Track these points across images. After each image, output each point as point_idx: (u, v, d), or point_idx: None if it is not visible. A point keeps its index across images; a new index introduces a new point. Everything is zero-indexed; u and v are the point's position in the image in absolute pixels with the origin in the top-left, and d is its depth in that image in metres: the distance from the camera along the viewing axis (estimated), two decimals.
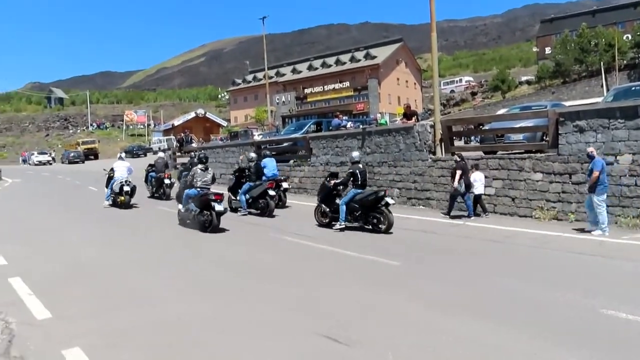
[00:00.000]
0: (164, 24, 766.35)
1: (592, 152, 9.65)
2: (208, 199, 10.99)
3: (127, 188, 15.28)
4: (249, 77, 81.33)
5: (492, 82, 60.44)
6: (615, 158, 10.36)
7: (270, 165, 14.82)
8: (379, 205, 10.66)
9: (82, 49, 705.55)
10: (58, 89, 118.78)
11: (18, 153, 64.44)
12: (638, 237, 9.12)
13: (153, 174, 18.37)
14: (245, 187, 14.08)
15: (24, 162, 57.65)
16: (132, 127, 79.72)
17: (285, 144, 21.55)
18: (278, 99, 65.48)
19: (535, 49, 71.45)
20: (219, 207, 10.90)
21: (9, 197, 21.62)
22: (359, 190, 10.99)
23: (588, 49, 49.63)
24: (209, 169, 12.04)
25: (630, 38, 50.51)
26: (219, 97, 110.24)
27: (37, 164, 52.14)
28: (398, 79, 64.53)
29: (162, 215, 14.04)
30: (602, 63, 45.59)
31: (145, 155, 46.92)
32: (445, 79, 75.39)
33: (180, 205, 12.28)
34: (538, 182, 11.61)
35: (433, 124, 14.36)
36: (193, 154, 14.76)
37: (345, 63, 65.79)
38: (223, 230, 11.08)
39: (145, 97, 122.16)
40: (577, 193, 10.89)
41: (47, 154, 56.22)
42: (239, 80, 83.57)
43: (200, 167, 11.83)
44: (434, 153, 14.11)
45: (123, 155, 18.13)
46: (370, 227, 10.79)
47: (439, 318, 5.34)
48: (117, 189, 15.36)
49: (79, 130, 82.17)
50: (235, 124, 72.21)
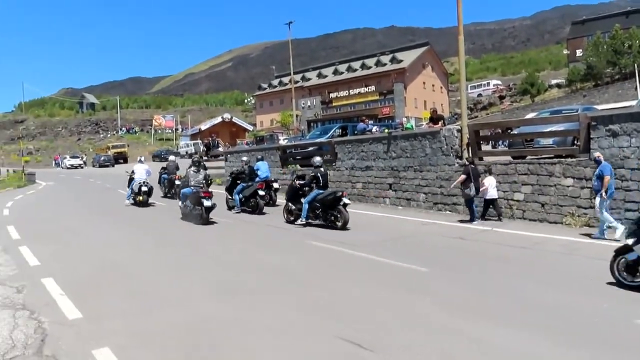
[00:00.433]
0: (192, 31, 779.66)
1: (598, 157, 9.79)
2: (198, 196, 12.79)
3: (144, 188, 16.80)
4: (275, 81, 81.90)
5: (520, 85, 59.40)
6: None
7: (263, 168, 16.18)
8: (337, 205, 11.67)
9: (113, 56, 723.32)
10: (90, 95, 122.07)
11: (51, 157, 66.39)
12: None
13: (165, 176, 19.98)
14: (239, 187, 15.36)
15: (57, 165, 59.39)
16: (160, 131, 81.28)
17: (311, 148, 21.58)
18: (303, 104, 65.68)
19: (566, 52, 69.87)
20: (207, 202, 12.60)
21: (43, 199, 22.28)
22: (321, 191, 12.13)
23: (621, 51, 48.36)
24: (201, 171, 14.02)
25: None
26: (245, 101, 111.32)
27: (69, 168, 53.63)
28: (424, 83, 64.02)
29: (177, 214, 14.46)
30: (635, 65, 44.28)
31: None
32: (473, 83, 74.50)
33: (180, 202, 13.98)
34: (569, 187, 11.34)
35: (460, 128, 14.20)
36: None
37: (371, 67, 65.65)
38: (212, 223, 12.82)
39: (173, 102, 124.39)
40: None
41: (78, 158, 57.77)
42: (265, 85, 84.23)
43: (193, 169, 14.02)
44: (461, 158, 13.93)
45: (142, 159, 19.55)
46: (329, 223, 11.80)
47: (465, 325, 5.25)
48: (136, 189, 16.86)
49: (109, 135, 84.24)
50: (261, 129, 72.77)
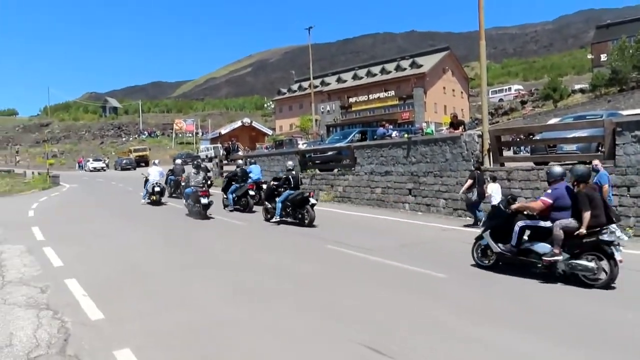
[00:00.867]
0: (212, 36, 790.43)
1: (596, 165, 9.82)
2: (197, 195, 14.77)
3: (157, 189, 18.60)
4: (294, 86, 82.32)
5: (543, 90, 58.53)
6: None
7: (256, 171, 18.12)
8: (306, 204, 13.07)
9: (135, 61, 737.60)
10: (113, 99, 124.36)
11: (75, 160, 67.68)
12: None
13: (172, 177, 21.54)
14: (232, 187, 16.97)
15: (80, 168, 60.50)
16: (181, 135, 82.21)
17: (330, 153, 21.60)
18: (323, 108, 65.89)
19: (590, 56, 68.61)
20: (204, 200, 14.67)
21: (66, 201, 22.71)
22: (292, 192, 13.55)
23: None
24: (201, 172, 15.89)
25: None
26: (265, 106, 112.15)
27: (91, 170, 54.58)
28: (444, 88, 63.66)
29: (184, 212, 15.93)
30: None
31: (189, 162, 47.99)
32: (494, 88, 73.64)
33: (184, 201, 16.05)
34: None
35: (481, 134, 14.05)
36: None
37: (391, 72, 65.56)
38: (210, 218, 14.78)
39: (194, 106, 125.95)
40: (635, 207, 10.36)
41: (101, 161, 58.80)
42: (285, 90, 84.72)
43: (194, 170, 16.07)
44: (482, 163, 13.78)
45: (157, 162, 21.41)
46: (298, 221, 13.16)
47: (484, 332, 5.17)
48: (150, 190, 18.67)
49: (131, 138, 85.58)
50: (280, 133, 73.18)
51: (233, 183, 17.10)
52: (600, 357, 4.63)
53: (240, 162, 18.63)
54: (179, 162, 22.79)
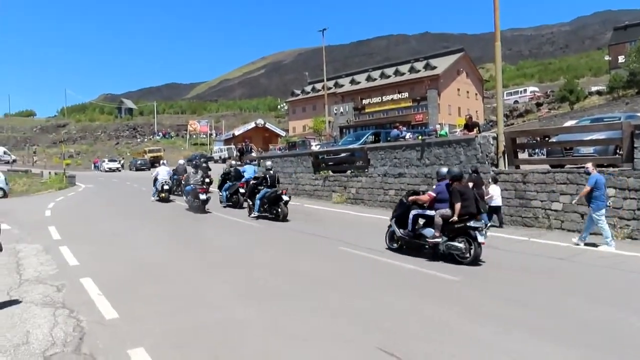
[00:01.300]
0: (226, 38, 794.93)
1: (587, 168, 10.09)
2: (196, 192, 16.61)
3: (166, 187, 20.49)
4: (308, 88, 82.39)
5: (559, 92, 57.88)
6: None
7: (249, 170, 19.20)
8: (279, 201, 14.33)
9: (150, 63, 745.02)
10: (128, 100, 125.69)
11: (91, 160, 68.46)
12: None
13: (175, 177, 22.69)
14: (226, 185, 18.50)
15: (96, 168, 61.16)
16: (195, 136, 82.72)
17: (343, 155, 21.59)
18: (336, 110, 65.84)
19: (607, 58, 67.70)
20: (203, 196, 16.46)
21: (82, 201, 22.99)
22: (268, 190, 14.84)
23: None
24: (199, 172, 17.81)
25: None
26: (278, 107, 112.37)
27: (107, 171, 55.17)
28: (458, 90, 63.19)
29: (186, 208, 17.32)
30: None
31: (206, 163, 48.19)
32: (509, 90, 72.96)
33: (184, 197, 17.91)
34: (610, 198, 10.93)
35: (496, 136, 13.93)
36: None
37: (404, 74, 65.24)
38: (207, 212, 16.50)
39: (208, 107, 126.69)
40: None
41: (116, 162, 59.39)
42: (298, 91, 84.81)
43: (193, 170, 18.16)
44: (497, 166, 13.66)
45: (165, 162, 23.95)
46: (273, 216, 14.46)
47: (500, 336, 5.11)
48: (159, 188, 20.52)
49: (146, 139, 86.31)
50: (294, 134, 73.27)
51: (227, 181, 18.60)
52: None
53: (233, 162, 21.12)
54: (182, 162, 24.07)
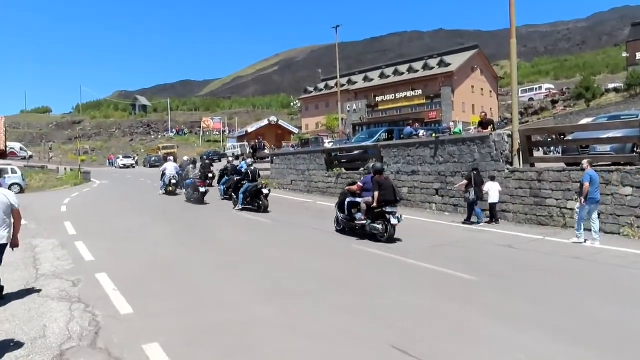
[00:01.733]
0: (239, 35, 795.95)
1: (582, 164, 10.30)
2: (196, 185, 18.48)
3: (174, 181, 22.13)
4: (321, 85, 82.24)
5: (575, 89, 57.04)
6: None
7: (245, 167, 19.60)
8: (260, 195, 15.78)
9: (164, 60, 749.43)
10: (142, 97, 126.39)
11: (105, 156, 69.22)
12: None
13: (180, 172, 23.67)
14: (223, 180, 20.28)
15: (111, 165, 61.83)
16: (208, 133, 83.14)
17: (356, 152, 21.48)
18: (349, 107, 65.65)
19: (625, 55, 66.49)
20: (202, 189, 18.29)
21: (97, 197, 23.25)
22: (250, 184, 16.22)
23: None
24: (197, 167, 20.08)
25: None
26: (291, 104, 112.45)
27: (121, 167, 55.76)
28: (473, 87, 62.64)
29: (200, 209, 17.11)
30: None
31: (220, 161, 48.48)
32: (524, 87, 72.09)
33: (184, 190, 19.92)
34: (627, 197, 10.78)
35: (511, 134, 13.78)
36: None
37: (418, 71, 64.85)
38: (206, 204, 18.19)
39: (221, 104, 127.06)
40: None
41: (130, 158, 59.98)
42: (311, 88, 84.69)
43: (192, 166, 19.90)
44: (511, 164, 13.53)
45: (172, 158, 25.66)
46: (256, 208, 15.86)
47: (513, 335, 5.06)
48: (167, 182, 22.23)
49: (160, 136, 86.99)
50: (306, 132, 73.27)
51: (225, 176, 20.27)
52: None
53: (231, 158, 23.80)
54: (187, 158, 24.79)
